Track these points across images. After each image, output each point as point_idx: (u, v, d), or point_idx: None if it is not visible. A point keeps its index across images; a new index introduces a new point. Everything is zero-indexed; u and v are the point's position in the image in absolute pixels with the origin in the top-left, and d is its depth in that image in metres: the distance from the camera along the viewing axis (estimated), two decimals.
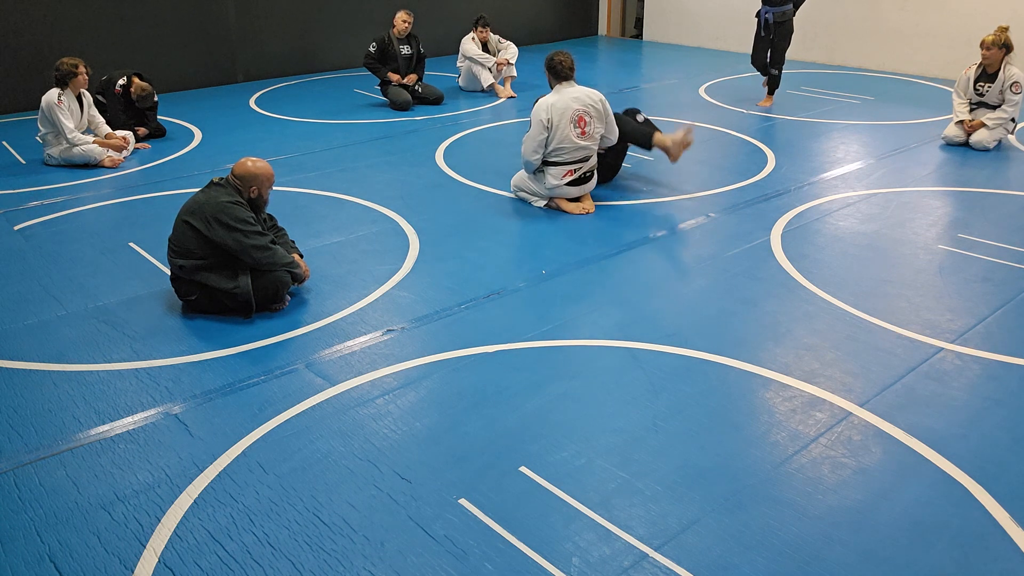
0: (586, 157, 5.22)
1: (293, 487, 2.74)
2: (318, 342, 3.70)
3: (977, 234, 4.89)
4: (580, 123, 5.08)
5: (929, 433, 3.01)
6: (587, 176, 5.28)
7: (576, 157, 5.17)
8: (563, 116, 5.07)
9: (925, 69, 9.99)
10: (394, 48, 8.35)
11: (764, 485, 2.74)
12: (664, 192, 5.73)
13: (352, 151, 6.80)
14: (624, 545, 2.48)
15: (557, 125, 5.07)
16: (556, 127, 5.07)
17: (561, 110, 5.07)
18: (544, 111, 5.10)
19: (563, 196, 5.32)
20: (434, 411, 3.18)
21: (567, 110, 5.07)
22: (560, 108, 5.08)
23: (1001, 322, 3.84)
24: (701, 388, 3.32)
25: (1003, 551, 2.46)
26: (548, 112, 5.08)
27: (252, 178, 3.89)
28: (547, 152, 5.17)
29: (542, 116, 5.09)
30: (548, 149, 5.15)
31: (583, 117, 5.09)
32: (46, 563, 2.43)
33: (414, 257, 4.63)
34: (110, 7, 8.62)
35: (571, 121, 5.07)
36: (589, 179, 5.31)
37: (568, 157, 5.16)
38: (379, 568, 2.39)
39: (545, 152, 5.18)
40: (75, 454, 2.92)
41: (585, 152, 5.19)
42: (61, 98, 6.13)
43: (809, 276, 4.33)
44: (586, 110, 5.11)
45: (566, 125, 5.07)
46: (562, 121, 5.07)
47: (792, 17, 7.89)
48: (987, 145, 6.60)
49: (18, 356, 3.59)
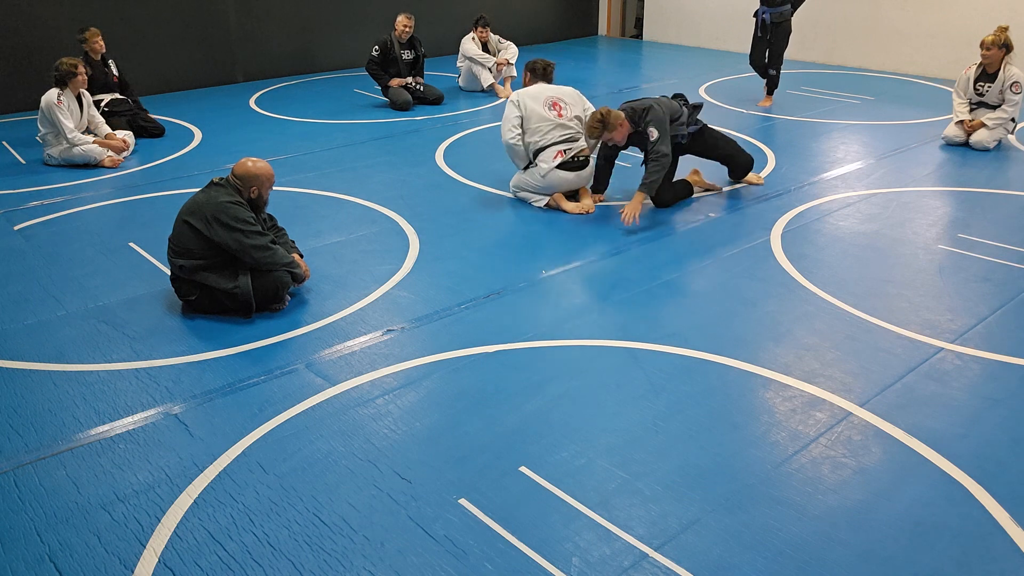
0: (572, 137, 5.31)
1: (293, 487, 2.74)
2: (318, 342, 3.70)
3: (977, 234, 4.89)
4: (555, 107, 5.31)
5: (929, 433, 3.01)
6: (581, 161, 5.30)
7: (560, 136, 5.28)
8: (536, 100, 5.31)
9: (925, 69, 9.99)
10: (396, 52, 8.35)
11: (764, 485, 2.74)
12: None
13: (352, 151, 6.80)
14: (624, 545, 2.48)
15: (530, 108, 5.28)
16: (529, 109, 5.28)
17: (533, 95, 5.34)
18: (515, 95, 5.38)
19: (560, 186, 5.32)
20: (434, 411, 3.18)
21: (539, 96, 5.33)
22: (532, 93, 5.35)
23: (1001, 322, 3.84)
24: (701, 388, 3.32)
25: (1003, 551, 2.46)
26: (518, 97, 5.36)
27: (252, 178, 3.89)
28: (529, 139, 5.30)
29: (513, 98, 5.37)
30: (529, 135, 5.29)
31: (557, 102, 5.32)
32: (46, 563, 2.43)
33: (414, 257, 4.63)
34: (110, 7, 8.62)
35: (544, 104, 5.29)
36: (585, 164, 5.33)
37: (552, 137, 5.27)
38: (379, 568, 2.39)
39: (527, 140, 5.30)
40: (75, 454, 2.92)
41: (567, 131, 5.30)
42: (60, 98, 6.13)
43: (809, 276, 4.33)
44: (560, 97, 5.36)
45: (539, 106, 5.28)
46: (535, 104, 5.29)
47: (790, 18, 7.88)
48: (987, 145, 6.60)
49: (18, 356, 3.59)
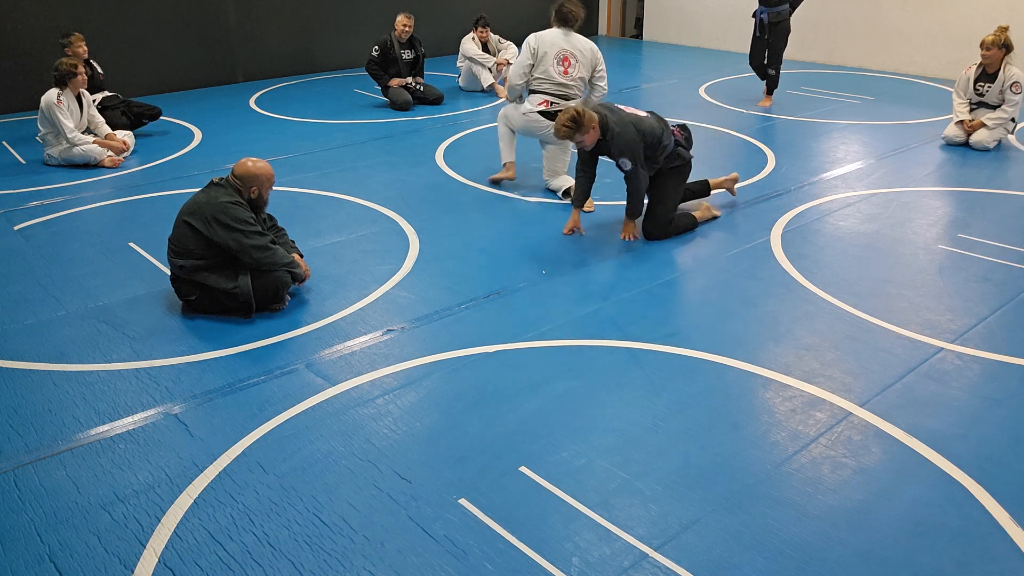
0: (566, 96, 5.41)
1: (293, 487, 2.74)
2: (318, 342, 3.70)
3: (977, 234, 4.89)
4: (564, 62, 5.37)
5: (929, 433, 3.01)
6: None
7: (555, 91, 5.40)
8: (550, 50, 5.36)
9: (925, 69, 9.99)
10: (396, 52, 8.34)
11: (764, 485, 2.74)
12: None
13: (352, 151, 6.80)
14: (624, 545, 2.48)
15: (542, 57, 5.35)
16: (541, 58, 5.35)
17: (549, 43, 5.38)
18: (533, 39, 5.43)
19: (534, 130, 5.53)
20: (434, 411, 3.18)
21: (554, 46, 5.37)
22: (548, 41, 5.39)
23: (1001, 322, 3.84)
24: (701, 388, 3.32)
25: (1003, 551, 2.46)
26: (536, 41, 5.41)
27: (253, 178, 3.89)
28: (531, 79, 5.45)
29: (531, 42, 5.40)
30: (532, 76, 5.44)
31: (568, 59, 5.37)
32: (46, 563, 2.43)
33: (414, 257, 4.63)
34: (111, 7, 8.62)
35: (555, 58, 5.35)
36: None
37: (548, 88, 5.41)
38: (379, 568, 2.39)
39: (530, 78, 5.46)
40: (75, 454, 2.92)
41: (565, 90, 5.41)
42: (60, 98, 6.13)
43: (809, 276, 4.33)
44: (573, 54, 5.39)
45: (550, 60, 5.35)
46: (547, 55, 5.36)
47: (788, 17, 7.88)
48: (987, 145, 6.61)
49: (18, 356, 3.59)
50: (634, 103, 8.46)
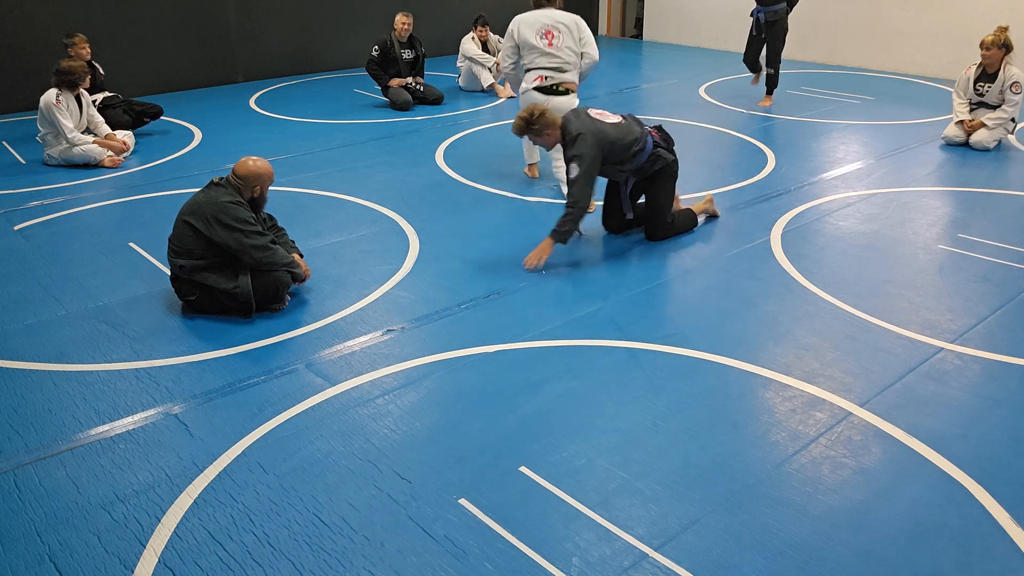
0: (559, 68, 5.43)
1: (293, 487, 2.74)
2: (318, 342, 3.70)
3: (977, 234, 4.89)
4: (547, 35, 5.42)
5: (929, 433, 3.01)
6: (559, 90, 5.42)
7: (546, 64, 5.44)
8: (530, 27, 5.41)
9: (925, 69, 9.99)
10: (396, 51, 8.34)
11: (764, 485, 2.74)
12: None
13: (352, 151, 6.80)
14: (624, 545, 2.48)
15: (522, 35, 5.44)
16: (521, 36, 5.44)
17: (529, 23, 5.47)
18: (513, 21, 5.51)
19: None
20: (434, 411, 3.18)
21: (535, 23, 5.45)
22: (528, 21, 5.48)
23: (1001, 322, 3.84)
24: (701, 388, 3.32)
25: (1003, 551, 2.46)
26: (516, 24, 5.48)
27: (254, 178, 3.90)
28: (523, 62, 5.53)
29: (511, 25, 5.51)
30: (523, 59, 5.51)
31: (551, 31, 5.42)
32: (46, 563, 2.43)
33: (414, 257, 4.63)
34: (111, 7, 8.62)
35: (537, 33, 5.41)
36: (562, 94, 5.43)
37: (539, 63, 5.45)
38: (379, 568, 2.40)
39: (522, 63, 5.53)
40: (75, 454, 2.92)
41: (554, 60, 5.43)
42: (59, 98, 6.13)
43: (809, 276, 4.33)
44: (555, 26, 5.44)
45: (531, 34, 5.41)
46: (528, 31, 5.40)
47: (785, 16, 7.88)
48: (987, 145, 6.61)
49: (18, 356, 3.59)
50: (634, 103, 8.49)
